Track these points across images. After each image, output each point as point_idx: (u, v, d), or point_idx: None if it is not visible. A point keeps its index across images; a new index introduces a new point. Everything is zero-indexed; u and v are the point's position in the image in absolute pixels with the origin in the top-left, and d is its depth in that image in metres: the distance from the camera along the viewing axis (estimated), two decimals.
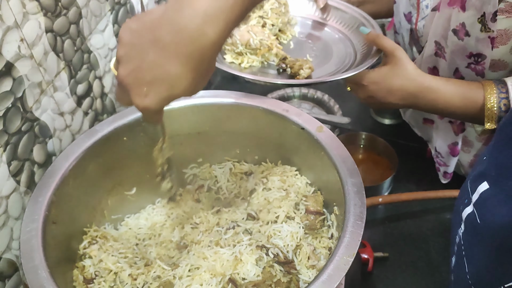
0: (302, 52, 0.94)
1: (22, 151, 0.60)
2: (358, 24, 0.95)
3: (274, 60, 0.89)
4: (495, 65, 0.71)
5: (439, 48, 0.77)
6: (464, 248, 0.47)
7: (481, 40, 0.68)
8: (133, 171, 0.71)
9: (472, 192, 0.46)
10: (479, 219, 0.43)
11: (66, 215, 0.60)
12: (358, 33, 0.94)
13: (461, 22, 0.69)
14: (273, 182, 0.65)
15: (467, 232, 0.46)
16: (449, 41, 0.73)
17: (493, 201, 0.42)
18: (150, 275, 0.59)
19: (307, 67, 0.85)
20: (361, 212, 0.50)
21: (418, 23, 0.84)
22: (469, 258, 0.46)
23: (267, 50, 0.88)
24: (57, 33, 0.65)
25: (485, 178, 0.45)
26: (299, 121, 0.63)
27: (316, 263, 0.56)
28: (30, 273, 0.49)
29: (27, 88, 0.60)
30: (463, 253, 0.47)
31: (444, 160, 0.89)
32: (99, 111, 0.79)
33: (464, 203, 0.48)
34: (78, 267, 0.60)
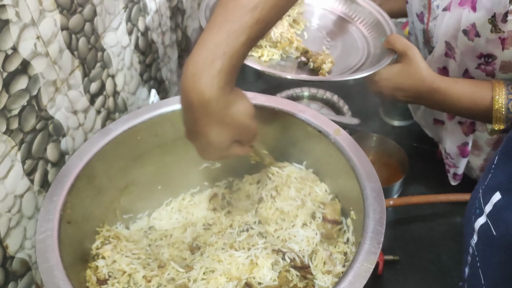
0: (316, 43, 0.93)
1: (36, 149, 0.60)
2: (373, 20, 0.93)
3: (292, 53, 0.88)
4: (505, 66, 0.71)
5: (449, 48, 0.77)
6: (479, 260, 0.46)
7: (491, 41, 0.68)
8: (146, 170, 0.70)
9: (485, 203, 0.46)
10: (495, 231, 0.43)
11: (79, 214, 0.60)
12: (374, 30, 0.93)
13: (472, 22, 0.69)
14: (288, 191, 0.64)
15: (482, 243, 0.45)
16: (459, 41, 0.73)
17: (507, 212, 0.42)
18: (164, 277, 0.58)
19: (329, 61, 0.84)
20: (381, 217, 0.49)
21: (430, 23, 0.83)
22: (485, 270, 0.45)
23: (288, 43, 0.87)
24: (72, 30, 0.65)
25: (497, 188, 0.44)
26: (316, 123, 0.62)
27: (332, 268, 0.56)
28: (46, 274, 0.49)
29: (42, 86, 0.59)
30: (478, 264, 0.46)
31: (454, 162, 0.89)
32: (111, 110, 0.78)
33: (476, 214, 0.47)
34: (91, 268, 0.60)
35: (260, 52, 0.87)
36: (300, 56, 0.86)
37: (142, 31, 0.86)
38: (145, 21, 0.86)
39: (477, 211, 0.47)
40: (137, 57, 0.85)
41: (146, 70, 0.89)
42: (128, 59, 0.82)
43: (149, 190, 0.73)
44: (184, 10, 1.04)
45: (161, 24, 0.93)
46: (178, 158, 0.70)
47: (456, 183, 0.92)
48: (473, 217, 0.48)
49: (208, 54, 0.46)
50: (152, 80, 0.93)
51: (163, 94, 0.98)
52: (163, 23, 0.94)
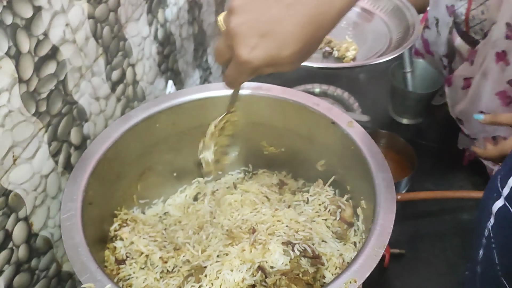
0: (339, 34, 0.93)
1: (61, 132, 0.62)
2: (393, 7, 0.94)
3: None
4: None
5: (511, 30, 0.74)
6: (494, 241, 0.48)
7: None
8: (163, 157, 0.73)
9: (502, 186, 0.47)
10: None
11: (100, 197, 0.62)
12: (394, 16, 0.94)
13: None
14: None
15: (498, 225, 0.47)
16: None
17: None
18: (180, 259, 0.61)
19: (353, 48, 0.85)
20: (391, 205, 0.51)
21: (473, 12, 0.83)
22: (500, 250, 0.47)
23: None
24: (98, 19, 0.67)
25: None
26: (330, 115, 0.64)
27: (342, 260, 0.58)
28: (71, 250, 0.51)
29: (68, 72, 0.62)
30: (493, 245, 0.48)
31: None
32: (130, 98, 0.81)
33: (493, 197, 0.49)
34: (110, 248, 0.62)
35: None
36: (324, 47, 0.87)
37: (161, 23, 0.88)
38: (164, 13, 0.89)
39: (495, 194, 0.49)
40: (155, 48, 0.88)
41: (163, 61, 0.92)
42: (147, 49, 0.84)
43: (165, 177, 0.75)
44: (201, 4, 1.06)
45: (179, 16, 0.95)
46: (194, 146, 0.72)
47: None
48: (490, 201, 0.50)
49: None
50: (169, 71, 0.95)
51: (179, 86, 1.01)
52: (181, 16, 0.96)
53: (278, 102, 0.68)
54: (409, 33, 0.85)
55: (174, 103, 0.68)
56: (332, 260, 0.57)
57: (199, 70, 1.11)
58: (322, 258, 0.57)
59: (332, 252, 0.58)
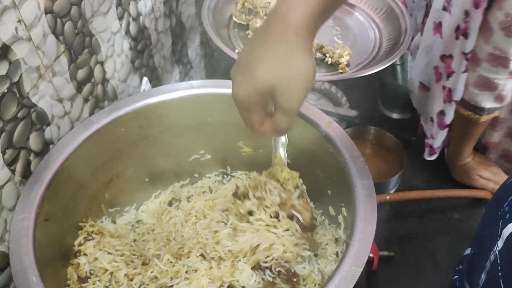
0: (327, 35, 0.90)
1: (17, 139, 0.58)
2: (387, 8, 0.90)
3: None
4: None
5: (448, 1, 0.76)
6: (501, 269, 0.43)
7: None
8: (131, 162, 0.68)
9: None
10: None
11: (60, 210, 0.58)
12: (379, 7, 0.90)
13: None
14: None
15: (509, 252, 0.42)
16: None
17: None
18: (147, 275, 0.57)
19: (346, 53, 0.81)
20: (371, 217, 0.47)
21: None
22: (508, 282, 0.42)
23: None
24: (57, 14, 0.62)
25: None
26: (307, 115, 0.60)
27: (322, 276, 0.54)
28: (18, 277, 0.47)
29: (24, 73, 0.57)
30: (500, 274, 0.43)
31: (434, 132, 0.87)
32: (100, 98, 0.76)
33: (505, 218, 0.43)
34: (73, 265, 0.58)
35: None
36: (316, 52, 0.83)
37: (133, 16, 0.83)
38: (137, 6, 0.83)
39: (507, 215, 0.44)
40: (128, 43, 0.82)
41: (137, 57, 0.87)
42: (118, 45, 0.79)
43: (136, 183, 0.71)
44: None
45: (154, 9, 0.90)
46: (165, 150, 0.68)
47: (430, 158, 0.91)
48: (500, 220, 0.45)
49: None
50: (144, 68, 0.90)
51: (156, 82, 0.96)
52: (156, 8, 0.91)
53: None
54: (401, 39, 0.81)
55: (140, 104, 0.64)
56: (311, 277, 0.53)
57: (178, 65, 1.06)
58: (299, 277, 0.52)
59: (311, 269, 0.54)
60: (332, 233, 0.60)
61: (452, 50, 0.76)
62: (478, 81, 0.74)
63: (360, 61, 0.84)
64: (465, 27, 0.70)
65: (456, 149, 0.89)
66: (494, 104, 0.77)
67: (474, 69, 0.73)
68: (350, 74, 0.77)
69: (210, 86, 0.66)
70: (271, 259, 0.52)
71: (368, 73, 0.74)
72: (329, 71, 0.83)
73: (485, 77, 0.73)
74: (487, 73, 0.72)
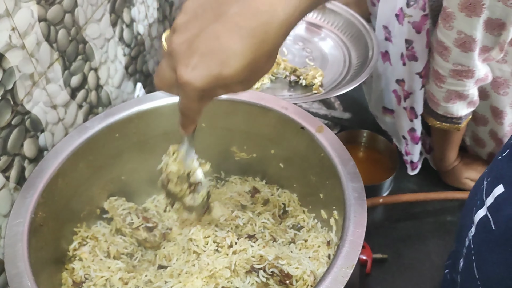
0: (298, 56, 0.93)
1: (12, 145, 0.58)
2: (355, 31, 0.92)
3: (280, 73, 0.89)
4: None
5: (388, 32, 0.81)
6: (474, 253, 0.45)
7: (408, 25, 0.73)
8: (126, 168, 0.68)
9: (487, 194, 0.44)
10: (494, 225, 0.41)
11: (55, 215, 0.58)
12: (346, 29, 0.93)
13: (400, 7, 0.74)
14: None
15: (479, 236, 0.44)
16: (394, 25, 0.78)
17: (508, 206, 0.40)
18: (142, 279, 0.57)
19: (319, 74, 0.86)
20: (361, 219, 0.48)
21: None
22: (480, 266, 0.43)
23: (276, 66, 0.88)
24: (51, 22, 0.63)
25: (502, 180, 0.42)
26: (299, 120, 0.61)
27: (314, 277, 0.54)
28: (13, 281, 0.47)
29: (18, 80, 0.58)
30: (473, 257, 0.45)
31: (409, 148, 0.91)
32: (94, 104, 0.76)
33: (477, 205, 0.45)
34: (68, 269, 0.58)
35: None
36: (290, 76, 0.87)
37: (127, 23, 0.84)
38: (130, 13, 0.84)
39: (478, 202, 0.46)
40: (121, 50, 0.83)
41: (131, 63, 0.87)
42: (112, 51, 0.80)
43: (131, 188, 0.71)
44: (172, 1, 1.01)
45: (147, 15, 0.91)
46: (159, 156, 0.68)
47: (414, 172, 0.94)
48: (474, 208, 0.47)
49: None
50: (137, 73, 0.91)
51: (150, 88, 0.96)
52: (149, 14, 0.92)
53: (246, 106, 0.64)
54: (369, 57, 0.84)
55: (134, 110, 0.64)
56: (303, 278, 0.54)
57: None
58: (292, 278, 0.53)
59: (304, 269, 0.54)
60: (324, 236, 0.61)
61: (401, 75, 0.81)
62: (448, 96, 0.76)
63: (332, 81, 0.88)
64: (412, 53, 0.75)
65: (441, 156, 0.91)
66: (468, 109, 0.79)
67: (440, 86, 0.76)
68: (324, 95, 0.80)
69: None
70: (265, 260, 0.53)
71: (341, 93, 0.77)
72: (304, 92, 0.86)
73: (453, 90, 0.75)
74: (454, 87, 0.75)
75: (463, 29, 0.66)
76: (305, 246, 0.61)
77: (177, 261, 0.58)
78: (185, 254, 0.59)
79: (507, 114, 0.80)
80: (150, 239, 0.65)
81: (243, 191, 0.71)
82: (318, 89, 0.85)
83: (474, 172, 0.91)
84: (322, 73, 0.86)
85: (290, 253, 0.57)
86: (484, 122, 0.85)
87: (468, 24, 0.65)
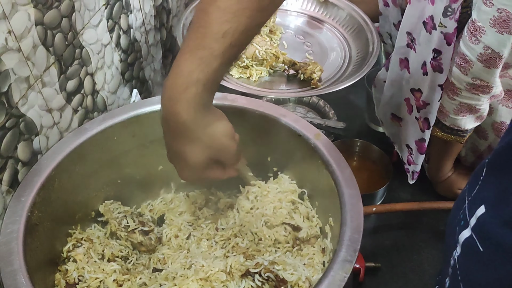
0: (298, 50, 0.92)
1: (5, 148, 0.57)
2: (356, 26, 0.93)
3: (279, 67, 0.88)
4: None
5: (411, 39, 0.78)
6: (460, 273, 0.45)
7: (439, 35, 0.69)
8: (123, 172, 0.68)
9: (470, 215, 0.44)
10: (482, 247, 0.41)
11: (50, 216, 0.58)
12: (355, 36, 0.93)
13: (430, 14, 0.70)
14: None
15: (466, 257, 0.44)
16: (419, 33, 0.74)
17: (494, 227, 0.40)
18: (136, 281, 0.56)
19: (318, 69, 0.84)
20: (358, 225, 0.48)
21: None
22: (467, 285, 0.43)
23: (275, 59, 0.87)
24: (48, 26, 0.62)
25: (483, 201, 0.42)
26: (296, 127, 0.61)
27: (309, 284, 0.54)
28: (8, 278, 0.46)
29: (13, 83, 0.57)
30: (459, 277, 0.45)
31: (414, 158, 0.88)
32: (89, 109, 0.76)
33: (461, 225, 0.45)
34: (61, 271, 0.58)
35: (248, 72, 0.87)
36: (289, 70, 0.86)
37: (124, 29, 0.84)
38: (127, 19, 0.84)
39: (462, 222, 0.46)
40: (118, 56, 0.83)
41: (127, 69, 0.87)
42: (108, 57, 0.80)
43: (127, 192, 0.71)
44: (170, 9, 1.02)
45: (144, 22, 0.91)
46: (156, 160, 0.69)
47: (413, 181, 0.92)
48: (457, 228, 0.46)
49: (182, 81, 0.48)
50: (134, 80, 0.91)
51: (146, 94, 0.96)
52: (147, 21, 0.92)
53: (243, 113, 0.64)
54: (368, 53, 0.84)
55: (133, 114, 0.64)
56: (298, 285, 0.54)
57: None
58: (287, 283, 0.52)
59: (299, 275, 0.54)
60: (319, 244, 0.61)
61: (420, 85, 0.78)
62: (460, 108, 0.75)
63: (331, 76, 0.88)
64: (439, 64, 0.72)
65: (437, 166, 0.91)
66: (475, 123, 0.78)
67: (453, 98, 0.75)
68: (322, 90, 0.79)
69: None
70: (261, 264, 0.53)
71: (339, 88, 0.76)
72: (301, 87, 0.86)
73: (466, 103, 0.74)
74: (468, 100, 0.74)
75: (491, 45, 0.64)
76: (300, 254, 0.61)
77: (172, 264, 0.58)
78: (180, 257, 0.58)
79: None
80: (146, 242, 0.65)
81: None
82: (316, 84, 0.84)
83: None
84: (321, 68, 0.85)
85: (286, 259, 0.57)
86: (485, 136, 0.85)
87: (498, 40, 0.63)
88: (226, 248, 0.60)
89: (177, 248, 0.62)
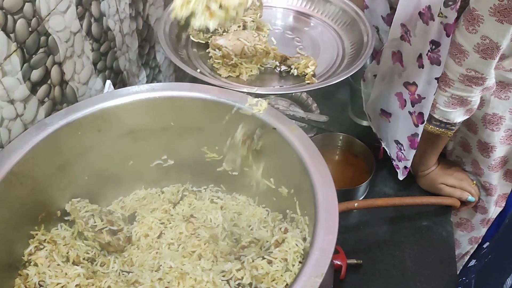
0: (288, 46, 0.89)
1: None
2: (347, 18, 0.90)
3: (270, 63, 0.84)
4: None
5: (405, 31, 0.74)
6: None
7: (439, 26, 0.65)
8: (90, 168, 0.65)
9: None
10: None
11: (8, 217, 0.54)
12: (347, 29, 0.91)
13: (427, 5, 0.66)
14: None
15: None
16: (415, 24, 0.70)
17: None
18: (101, 285, 0.53)
19: (312, 63, 0.80)
20: (332, 225, 0.45)
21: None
22: None
23: (265, 55, 0.82)
24: (8, 10, 0.58)
25: None
26: (271, 120, 0.58)
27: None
28: None
29: None
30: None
31: (405, 153, 0.87)
32: (57, 100, 0.72)
33: None
34: (22, 275, 0.55)
35: (237, 71, 0.82)
36: (280, 65, 0.82)
37: (96, 17, 0.80)
38: (99, 6, 0.80)
39: None
40: (89, 45, 0.79)
41: (100, 59, 0.83)
42: (78, 46, 0.76)
43: (96, 189, 0.68)
44: None
45: (118, 10, 0.87)
46: (126, 155, 0.66)
47: (403, 177, 0.90)
48: None
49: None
50: (107, 70, 0.87)
51: (120, 85, 0.92)
52: (121, 9, 0.88)
53: (215, 105, 0.61)
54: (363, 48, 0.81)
55: (98, 107, 0.61)
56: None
57: (145, 69, 1.03)
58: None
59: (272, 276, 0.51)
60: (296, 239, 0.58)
61: (415, 78, 0.75)
62: (451, 101, 0.73)
63: (325, 71, 0.84)
64: (437, 56, 0.69)
65: (421, 159, 0.89)
66: (465, 116, 0.76)
67: (444, 90, 0.72)
68: (319, 84, 0.76)
69: (172, 89, 0.63)
70: None
71: (336, 81, 0.73)
72: (296, 83, 0.81)
73: (458, 95, 0.72)
74: (460, 92, 0.71)
75: (489, 34, 0.62)
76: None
77: (139, 267, 0.55)
78: (149, 259, 0.55)
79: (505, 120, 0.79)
80: (114, 242, 0.62)
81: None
82: (311, 78, 0.80)
83: (450, 178, 0.90)
84: (315, 62, 0.81)
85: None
86: (474, 129, 0.84)
87: (497, 30, 0.60)
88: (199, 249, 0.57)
89: (147, 248, 0.60)
